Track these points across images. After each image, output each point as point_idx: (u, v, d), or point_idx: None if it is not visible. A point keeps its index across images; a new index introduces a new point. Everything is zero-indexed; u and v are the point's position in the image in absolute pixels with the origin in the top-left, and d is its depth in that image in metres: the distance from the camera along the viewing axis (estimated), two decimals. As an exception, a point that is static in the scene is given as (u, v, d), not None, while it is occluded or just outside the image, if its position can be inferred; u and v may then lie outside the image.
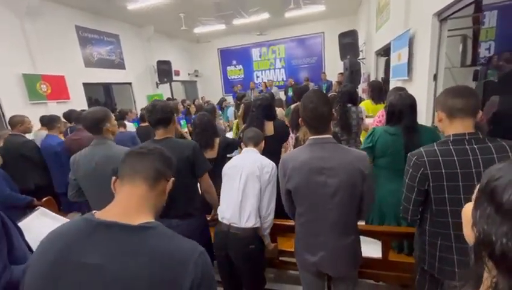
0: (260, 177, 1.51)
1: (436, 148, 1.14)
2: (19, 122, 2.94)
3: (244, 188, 1.52)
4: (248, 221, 1.50)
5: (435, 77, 2.63)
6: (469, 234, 0.44)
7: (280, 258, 1.79)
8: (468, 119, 1.10)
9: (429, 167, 1.12)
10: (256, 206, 1.52)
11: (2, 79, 4.34)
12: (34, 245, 1.04)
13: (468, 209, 0.45)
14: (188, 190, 1.59)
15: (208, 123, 2.13)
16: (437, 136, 1.70)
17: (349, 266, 1.32)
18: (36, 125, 3.42)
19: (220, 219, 1.58)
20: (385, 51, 5.00)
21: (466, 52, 3.17)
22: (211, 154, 1.93)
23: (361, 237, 1.38)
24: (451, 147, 1.11)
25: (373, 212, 1.81)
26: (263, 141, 1.69)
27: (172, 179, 0.84)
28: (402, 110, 1.68)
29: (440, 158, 1.11)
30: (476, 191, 0.43)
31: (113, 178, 0.79)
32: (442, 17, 2.47)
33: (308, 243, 1.33)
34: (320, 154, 1.21)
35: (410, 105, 1.69)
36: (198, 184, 1.71)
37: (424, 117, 2.76)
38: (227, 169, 1.63)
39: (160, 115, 1.56)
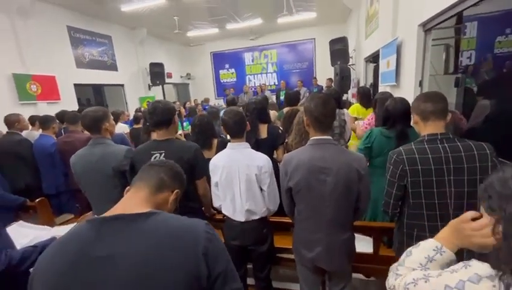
0: (260, 179, 1.51)
1: (413, 147, 1.24)
2: (15, 121, 2.90)
3: (246, 196, 1.53)
4: (258, 215, 1.57)
5: (421, 83, 2.78)
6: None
7: (277, 255, 1.85)
8: (439, 121, 1.21)
9: (407, 164, 1.22)
10: (262, 203, 1.57)
11: (-9, 79, 4.25)
12: None
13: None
14: (186, 189, 1.61)
15: (207, 124, 2.19)
16: None
17: (344, 261, 1.38)
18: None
19: (228, 215, 1.63)
20: (374, 58, 5.18)
21: (449, 60, 3.36)
22: (209, 154, 1.98)
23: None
24: (426, 145, 1.21)
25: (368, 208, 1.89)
26: (246, 123, 1.60)
27: (177, 191, 0.86)
28: (396, 116, 1.82)
29: (417, 156, 1.21)
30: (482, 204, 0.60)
31: (127, 187, 0.84)
32: (426, 27, 2.63)
33: (306, 239, 1.38)
34: (321, 154, 1.27)
35: (403, 112, 1.81)
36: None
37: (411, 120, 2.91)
38: (221, 173, 1.56)
39: (161, 116, 1.55)
